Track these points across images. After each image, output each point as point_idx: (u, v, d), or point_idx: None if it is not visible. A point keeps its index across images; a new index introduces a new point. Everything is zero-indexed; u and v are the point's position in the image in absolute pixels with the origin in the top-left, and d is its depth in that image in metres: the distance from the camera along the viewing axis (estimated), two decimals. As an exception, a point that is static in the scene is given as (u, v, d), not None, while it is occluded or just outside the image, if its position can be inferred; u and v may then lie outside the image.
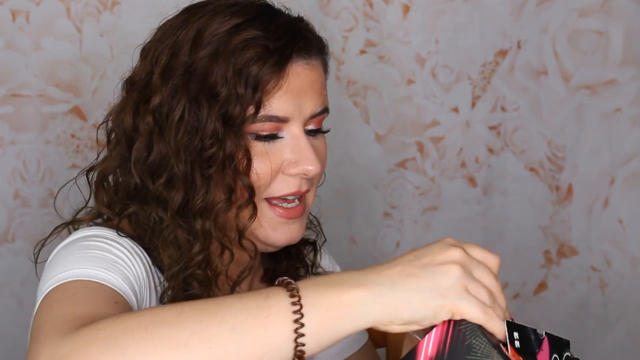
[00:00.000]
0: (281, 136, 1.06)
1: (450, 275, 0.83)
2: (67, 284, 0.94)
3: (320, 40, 1.11)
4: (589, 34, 1.86)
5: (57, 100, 1.70)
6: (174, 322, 0.80)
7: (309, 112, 1.07)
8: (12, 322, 1.70)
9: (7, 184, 1.70)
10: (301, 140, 1.06)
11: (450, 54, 1.85)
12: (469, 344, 0.82)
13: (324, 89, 1.11)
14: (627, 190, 1.90)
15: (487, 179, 1.90)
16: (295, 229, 1.09)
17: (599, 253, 1.92)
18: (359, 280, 0.83)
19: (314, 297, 0.82)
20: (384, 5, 1.82)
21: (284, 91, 1.05)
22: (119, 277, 0.97)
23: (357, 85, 1.85)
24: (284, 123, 1.05)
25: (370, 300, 0.82)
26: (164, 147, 1.05)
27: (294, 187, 1.06)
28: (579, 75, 1.87)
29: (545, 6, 1.85)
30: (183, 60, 1.05)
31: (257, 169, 1.05)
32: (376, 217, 1.89)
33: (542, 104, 1.88)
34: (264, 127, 1.05)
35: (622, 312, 1.93)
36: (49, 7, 1.68)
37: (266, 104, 1.04)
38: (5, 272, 1.71)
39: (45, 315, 0.89)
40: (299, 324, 0.80)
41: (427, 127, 1.87)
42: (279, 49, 1.05)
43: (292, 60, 1.06)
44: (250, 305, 0.81)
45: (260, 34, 1.05)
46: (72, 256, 0.98)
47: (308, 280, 0.84)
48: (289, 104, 1.05)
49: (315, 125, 1.09)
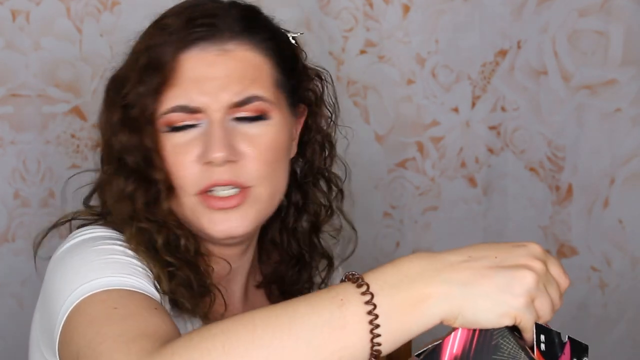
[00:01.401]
0: (198, 125, 1.04)
1: (524, 284, 0.81)
2: (99, 296, 0.92)
3: (249, 23, 1.07)
4: (589, 34, 1.86)
5: (57, 100, 1.70)
6: (250, 341, 0.79)
7: (225, 101, 1.04)
8: (12, 322, 1.70)
9: (7, 184, 1.70)
10: (211, 128, 1.03)
11: (450, 54, 1.85)
12: (496, 344, 0.82)
13: (253, 77, 1.05)
14: (627, 190, 1.90)
15: (487, 179, 1.90)
16: (235, 220, 1.05)
17: (599, 253, 1.92)
18: (433, 277, 0.81)
19: (390, 302, 0.80)
20: (384, 5, 1.82)
21: (188, 79, 1.03)
22: (144, 280, 0.96)
23: (357, 85, 1.85)
24: (197, 113, 1.03)
25: (440, 300, 0.81)
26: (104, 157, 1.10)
27: (211, 177, 1.03)
28: (579, 75, 1.87)
29: (545, 6, 1.85)
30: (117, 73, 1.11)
31: (172, 162, 1.04)
32: (376, 217, 1.89)
33: (542, 104, 1.88)
34: (177, 119, 1.04)
35: (622, 312, 1.93)
36: (49, 7, 1.68)
37: (174, 93, 1.03)
38: (5, 272, 1.71)
39: (96, 335, 0.87)
40: (376, 334, 0.80)
41: (427, 127, 1.87)
42: (179, 33, 1.04)
43: (195, 45, 1.04)
44: (324, 318, 0.80)
45: (170, 20, 1.05)
46: (92, 263, 0.97)
47: (379, 277, 0.82)
48: (197, 93, 1.03)
49: (249, 112, 1.05)
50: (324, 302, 0.81)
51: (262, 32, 1.09)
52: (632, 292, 1.92)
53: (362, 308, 0.80)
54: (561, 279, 0.86)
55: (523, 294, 0.81)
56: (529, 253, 0.84)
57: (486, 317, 0.81)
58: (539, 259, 0.84)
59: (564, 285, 0.86)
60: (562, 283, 0.86)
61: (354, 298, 0.80)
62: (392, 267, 0.83)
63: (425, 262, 0.82)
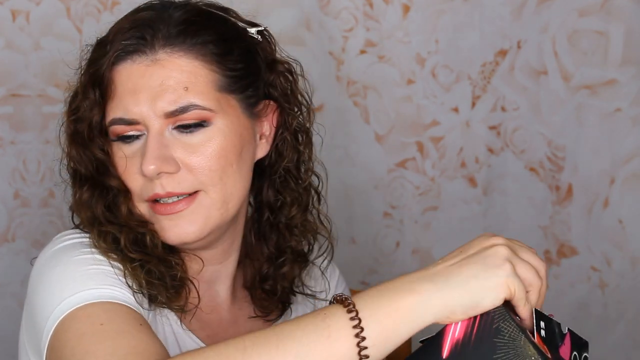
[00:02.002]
0: (140, 135, 1.04)
1: (500, 254, 0.86)
2: (85, 311, 0.92)
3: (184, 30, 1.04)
4: (589, 34, 1.86)
5: (57, 100, 1.70)
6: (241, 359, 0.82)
7: (160, 111, 1.02)
8: (12, 322, 1.70)
9: (7, 184, 1.70)
10: (147, 140, 1.03)
11: (450, 54, 1.85)
12: (497, 327, 0.83)
13: (186, 83, 1.03)
14: (627, 190, 1.90)
15: (487, 179, 1.90)
16: (183, 226, 1.04)
17: (599, 253, 1.92)
18: (411, 284, 0.85)
19: (371, 308, 0.84)
20: (384, 5, 1.82)
21: (123, 93, 1.03)
22: (125, 290, 0.97)
23: (357, 85, 1.85)
24: (134, 125, 1.03)
25: (428, 300, 0.84)
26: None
27: (152, 189, 1.03)
28: (579, 75, 1.87)
29: (545, 6, 1.85)
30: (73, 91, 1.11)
31: (122, 171, 1.05)
32: (376, 217, 1.89)
33: (542, 104, 1.88)
34: (119, 130, 1.04)
35: (622, 312, 1.93)
36: (49, 7, 1.68)
37: (113, 105, 1.04)
38: (5, 272, 1.71)
39: (85, 354, 0.88)
40: (361, 338, 0.82)
41: (427, 127, 1.87)
42: (111, 47, 1.04)
43: (130, 58, 1.03)
44: (310, 330, 0.83)
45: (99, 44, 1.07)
46: (74, 274, 0.97)
47: (361, 294, 0.86)
48: (132, 104, 1.02)
49: (187, 121, 1.03)
50: (309, 318, 0.85)
51: (202, 35, 1.05)
52: (632, 292, 1.92)
53: (344, 316, 0.83)
54: (532, 259, 0.89)
55: (503, 261, 0.86)
56: (486, 236, 0.90)
57: (484, 294, 0.84)
58: (496, 235, 0.90)
59: (541, 268, 0.90)
60: (538, 265, 0.90)
61: (336, 310, 0.84)
62: (374, 287, 0.87)
63: (404, 276, 0.87)
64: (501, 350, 0.82)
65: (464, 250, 0.89)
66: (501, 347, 0.83)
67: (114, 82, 1.03)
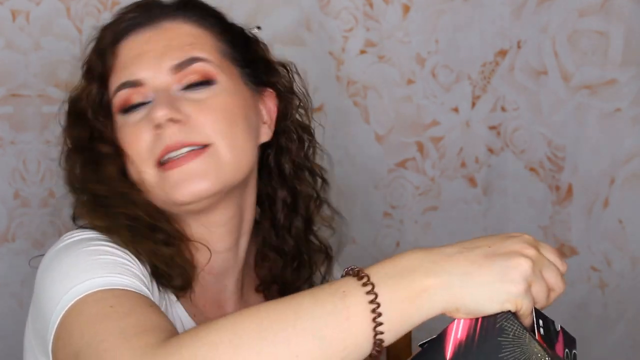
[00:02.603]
0: (146, 102, 1.06)
1: (521, 270, 0.84)
2: (93, 296, 0.92)
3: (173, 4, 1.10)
4: (589, 34, 1.86)
5: (57, 100, 1.69)
6: (257, 335, 0.81)
7: (167, 66, 1.05)
8: (12, 322, 1.70)
9: (7, 184, 1.70)
10: (159, 95, 1.05)
11: (450, 54, 1.85)
12: (500, 326, 0.83)
13: (191, 43, 1.07)
14: (627, 190, 1.90)
15: (487, 179, 1.90)
16: (195, 178, 1.04)
17: (599, 253, 1.92)
18: (431, 268, 0.83)
19: (390, 291, 0.82)
20: (384, 5, 1.82)
21: (125, 60, 1.06)
22: (134, 279, 0.96)
23: (357, 85, 1.85)
24: (141, 87, 1.05)
25: (440, 290, 0.83)
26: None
27: (163, 141, 1.03)
28: (579, 75, 1.87)
29: (545, 6, 1.85)
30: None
31: (131, 140, 1.05)
32: (376, 217, 1.89)
33: (542, 104, 1.88)
34: (126, 98, 1.05)
35: (622, 312, 1.93)
36: (49, 7, 1.68)
37: (115, 79, 1.06)
38: (5, 272, 1.71)
39: (95, 334, 0.87)
40: (378, 323, 0.82)
41: (427, 127, 1.87)
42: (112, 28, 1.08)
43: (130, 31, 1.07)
44: (328, 309, 0.82)
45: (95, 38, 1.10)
46: (83, 264, 0.96)
47: (379, 270, 0.84)
48: (134, 67, 1.05)
49: (195, 78, 1.06)
50: (327, 294, 0.83)
51: (205, 10, 1.11)
52: (632, 292, 1.92)
53: (364, 298, 0.82)
54: (557, 263, 0.89)
55: (521, 281, 0.84)
56: (521, 241, 0.87)
57: (489, 306, 0.83)
58: (532, 245, 0.87)
59: (562, 269, 0.89)
60: (560, 267, 0.89)
61: (355, 290, 0.83)
62: (390, 261, 0.85)
63: (422, 255, 0.85)
64: (506, 348, 0.82)
65: (492, 243, 0.86)
66: (506, 345, 0.82)
67: (118, 55, 1.06)
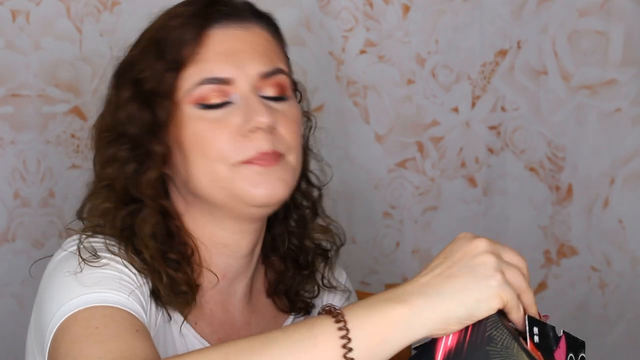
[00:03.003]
0: (232, 101, 1.06)
1: (488, 265, 0.84)
2: (84, 314, 0.93)
3: (257, 10, 1.11)
4: (589, 34, 1.86)
5: (57, 100, 1.70)
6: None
7: (255, 72, 1.06)
8: (12, 322, 1.70)
9: (7, 184, 1.70)
10: (250, 98, 1.05)
11: (450, 54, 1.85)
12: (489, 335, 0.83)
13: (273, 53, 1.09)
14: (627, 190, 1.90)
15: (487, 179, 1.90)
16: (276, 181, 1.05)
17: (599, 253, 1.92)
18: (402, 295, 0.84)
19: (359, 319, 0.83)
20: (384, 5, 1.82)
21: (214, 53, 1.05)
22: (129, 296, 0.97)
23: (357, 85, 1.85)
24: (228, 85, 1.05)
25: (418, 314, 0.83)
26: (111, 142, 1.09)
27: (257, 147, 1.04)
28: (579, 75, 1.87)
29: (545, 6, 1.85)
30: (123, 59, 1.11)
31: (209, 137, 1.04)
32: (376, 217, 1.89)
33: (542, 104, 1.88)
34: (208, 93, 1.05)
35: (622, 312, 1.93)
36: (49, 7, 1.68)
37: (200, 69, 1.05)
38: (5, 272, 1.71)
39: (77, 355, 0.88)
40: (347, 349, 0.81)
41: (427, 127, 1.87)
42: (197, 13, 1.06)
43: (216, 22, 1.06)
44: (296, 338, 0.82)
45: (183, 8, 1.07)
46: (79, 277, 0.97)
47: (352, 305, 0.85)
48: (224, 64, 1.05)
49: (275, 92, 1.07)
50: (296, 326, 0.84)
51: (275, 26, 1.13)
52: (632, 292, 1.92)
53: (332, 326, 0.82)
54: (515, 259, 0.88)
55: (493, 272, 0.84)
56: (465, 239, 0.87)
57: (477, 307, 0.83)
58: (477, 237, 0.87)
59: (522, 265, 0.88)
60: (521, 265, 0.88)
61: (324, 319, 0.83)
62: (366, 299, 0.86)
63: (396, 289, 0.85)
64: (494, 358, 0.82)
65: (447, 255, 0.87)
66: (494, 355, 0.82)
67: (200, 45, 1.05)
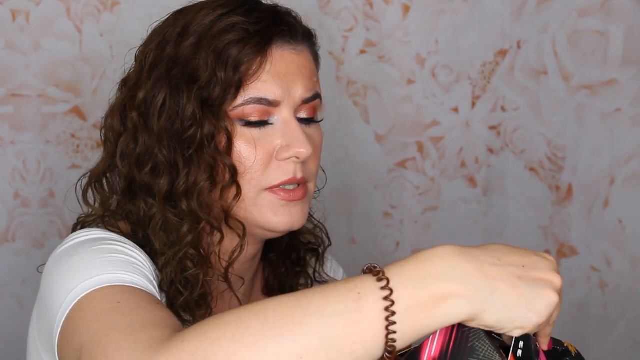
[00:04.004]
0: (272, 122, 1.06)
1: (548, 303, 0.82)
2: (100, 292, 0.91)
3: (307, 29, 1.12)
4: (589, 34, 1.86)
5: (57, 100, 1.70)
6: (261, 331, 0.78)
7: (299, 96, 1.07)
8: (12, 322, 1.70)
9: (7, 184, 1.70)
10: (292, 124, 1.06)
11: (450, 54, 1.85)
12: (471, 346, 0.82)
13: (314, 76, 1.11)
14: (627, 190, 1.90)
15: (487, 179, 1.90)
16: (296, 213, 1.07)
17: (599, 253, 1.92)
18: (461, 278, 0.80)
19: (409, 298, 0.79)
20: (384, 5, 1.82)
21: (269, 74, 1.05)
22: (143, 279, 0.96)
23: (357, 85, 1.85)
24: (273, 107, 1.06)
25: (465, 302, 0.80)
26: (148, 136, 1.06)
27: (289, 173, 1.06)
28: (579, 75, 1.87)
29: (545, 6, 1.85)
30: (169, 53, 1.07)
31: (247, 155, 1.05)
32: (376, 217, 1.89)
33: (542, 104, 1.88)
34: (253, 111, 1.05)
35: (622, 312, 1.93)
36: (49, 7, 1.68)
37: (252, 87, 1.05)
38: (5, 272, 1.71)
39: (100, 328, 0.86)
40: (391, 331, 0.78)
41: (427, 127, 1.87)
42: (260, 31, 1.06)
43: (275, 43, 1.06)
44: (339, 310, 0.78)
45: (242, 19, 1.06)
46: (91, 262, 0.96)
47: (401, 272, 0.80)
48: (276, 86, 1.05)
49: (307, 114, 1.09)
50: (340, 294, 0.79)
51: (316, 45, 1.15)
52: (632, 292, 1.92)
53: (380, 303, 0.78)
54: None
55: (545, 314, 0.82)
56: (552, 268, 0.84)
57: (508, 327, 0.81)
58: (557, 273, 0.84)
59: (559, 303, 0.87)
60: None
61: (372, 292, 0.79)
62: (415, 261, 0.81)
63: (451, 259, 0.81)
64: None
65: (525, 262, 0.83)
66: None
67: (256, 65, 1.05)
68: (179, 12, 1.11)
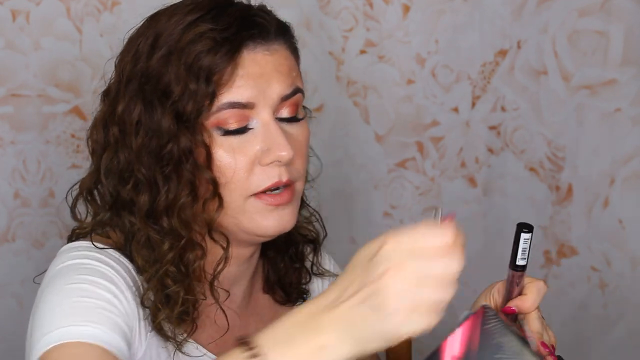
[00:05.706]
0: (251, 127, 1.05)
1: (396, 294, 0.76)
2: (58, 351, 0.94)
3: (280, 24, 1.10)
4: (589, 34, 1.86)
5: (57, 100, 1.70)
6: None
7: (277, 95, 1.05)
8: (12, 322, 1.70)
9: (7, 184, 1.70)
10: (270, 127, 1.05)
11: (450, 54, 1.85)
12: (497, 343, 0.81)
13: (293, 71, 1.09)
14: (627, 190, 1.90)
15: (487, 179, 1.90)
16: (286, 215, 1.07)
17: (599, 253, 1.92)
18: (319, 326, 0.77)
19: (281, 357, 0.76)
20: (384, 5, 1.82)
21: (242, 78, 1.04)
22: (109, 329, 0.97)
23: (357, 85, 1.85)
24: (249, 109, 1.04)
25: (339, 347, 0.76)
26: (127, 152, 1.06)
27: (274, 177, 1.05)
28: (579, 75, 1.87)
29: (545, 6, 1.85)
30: (141, 67, 1.06)
31: (227, 165, 1.04)
32: (376, 217, 1.89)
33: (542, 104, 1.88)
34: (228, 117, 1.04)
35: (622, 312, 1.93)
36: (49, 7, 1.68)
37: (225, 94, 1.03)
38: (5, 272, 1.71)
39: None
40: None
41: (427, 127, 1.87)
42: (229, 38, 1.04)
43: (246, 47, 1.05)
44: None
45: (210, 26, 1.04)
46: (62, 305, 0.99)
47: (269, 337, 0.78)
48: (249, 89, 1.04)
49: (289, 112, 1.07)
50: None
51: (293, 38, 1.13)
52: (632, 292, 1.92)
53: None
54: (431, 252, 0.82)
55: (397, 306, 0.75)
56: (383, 256, 0.82)
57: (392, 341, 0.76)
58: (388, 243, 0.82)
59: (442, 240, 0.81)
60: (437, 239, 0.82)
61: (237, 355, 0.77)
62: (281, 321, 0.79)
63: (309, 310, 0.79)
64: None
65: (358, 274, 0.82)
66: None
67: (227, 72, 1.03)
68: (153, 17, 1.10)
